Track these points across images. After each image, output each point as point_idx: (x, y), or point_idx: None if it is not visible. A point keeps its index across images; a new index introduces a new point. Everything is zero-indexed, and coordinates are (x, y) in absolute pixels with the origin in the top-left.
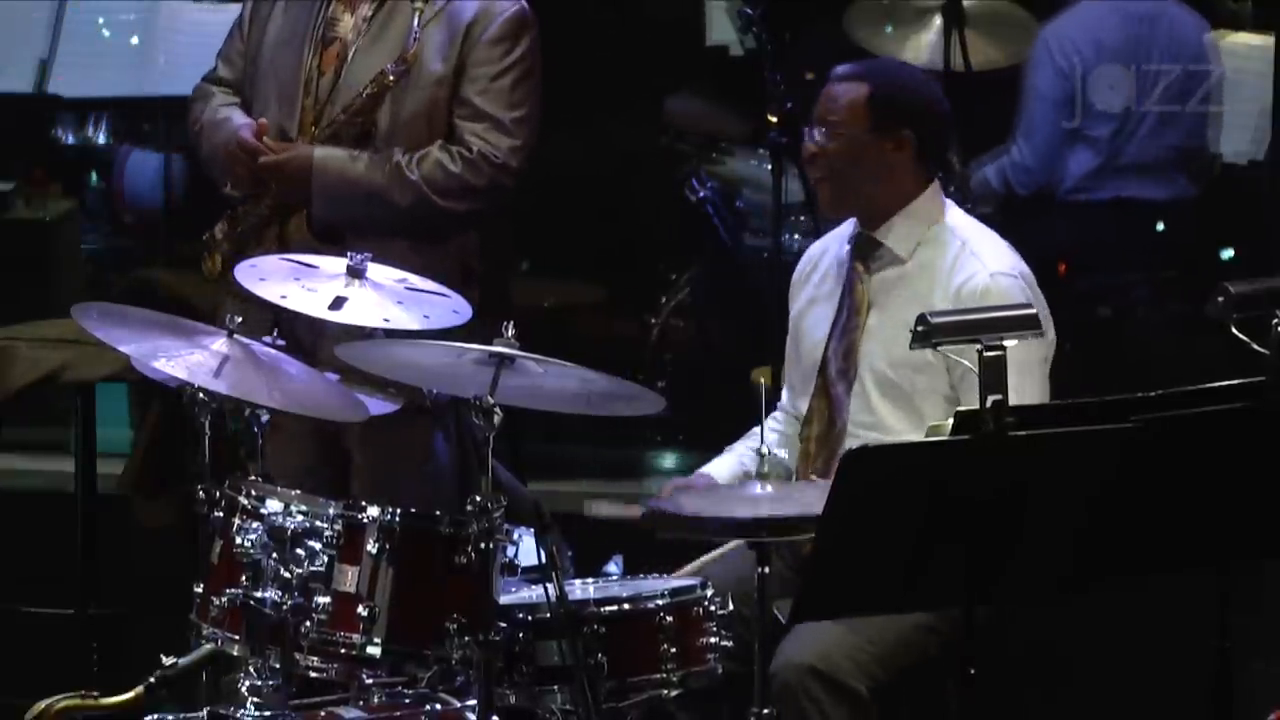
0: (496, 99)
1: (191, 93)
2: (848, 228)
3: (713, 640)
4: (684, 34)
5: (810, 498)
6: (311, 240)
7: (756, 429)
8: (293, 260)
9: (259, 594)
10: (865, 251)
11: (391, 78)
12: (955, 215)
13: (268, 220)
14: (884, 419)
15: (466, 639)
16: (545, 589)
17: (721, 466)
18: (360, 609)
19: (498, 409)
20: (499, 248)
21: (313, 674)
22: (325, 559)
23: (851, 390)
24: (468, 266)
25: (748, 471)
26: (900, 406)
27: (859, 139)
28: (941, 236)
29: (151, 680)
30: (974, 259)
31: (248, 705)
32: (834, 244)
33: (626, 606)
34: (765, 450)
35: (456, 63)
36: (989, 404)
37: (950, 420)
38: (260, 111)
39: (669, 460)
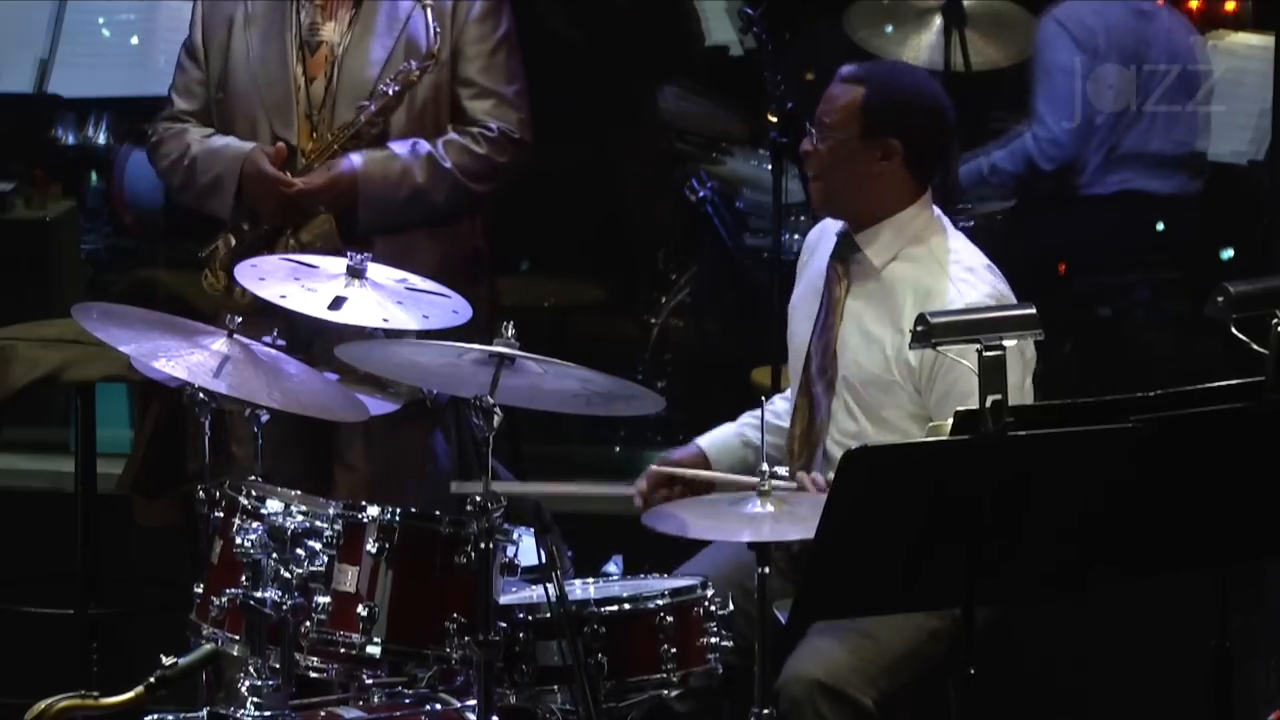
0: (497, 74)
1: (152, 135)
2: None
3: (713, 640)
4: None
5: (812, 518)
6: (339, 244)
7: (756, 410)
8: (293, 260)
9: (259, 594)
10: (845, 253)
11: (417, 73)
12: (942, 235)
13: (275, 233)
14: (866, 430)
15: (466, 639)
16: (545, 589)
17: (714, 438)
18: (360, 609)
19: (498, 409)
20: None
21: (313, 674)
22: (325, 559)
23: (831, 390)
24: (479, 250)
25: (746, 441)
26: (874, 420)
27: (849, 143)
28: (924, 256)
29: (151, 680)
30: (950, 286)
31: (248, 705)
32: (828, 234)
33: (626, 606)
34: (766, 468)
35: (451, 46)
36: (989, 404)
37: (950, 420)
38: (246, 130)
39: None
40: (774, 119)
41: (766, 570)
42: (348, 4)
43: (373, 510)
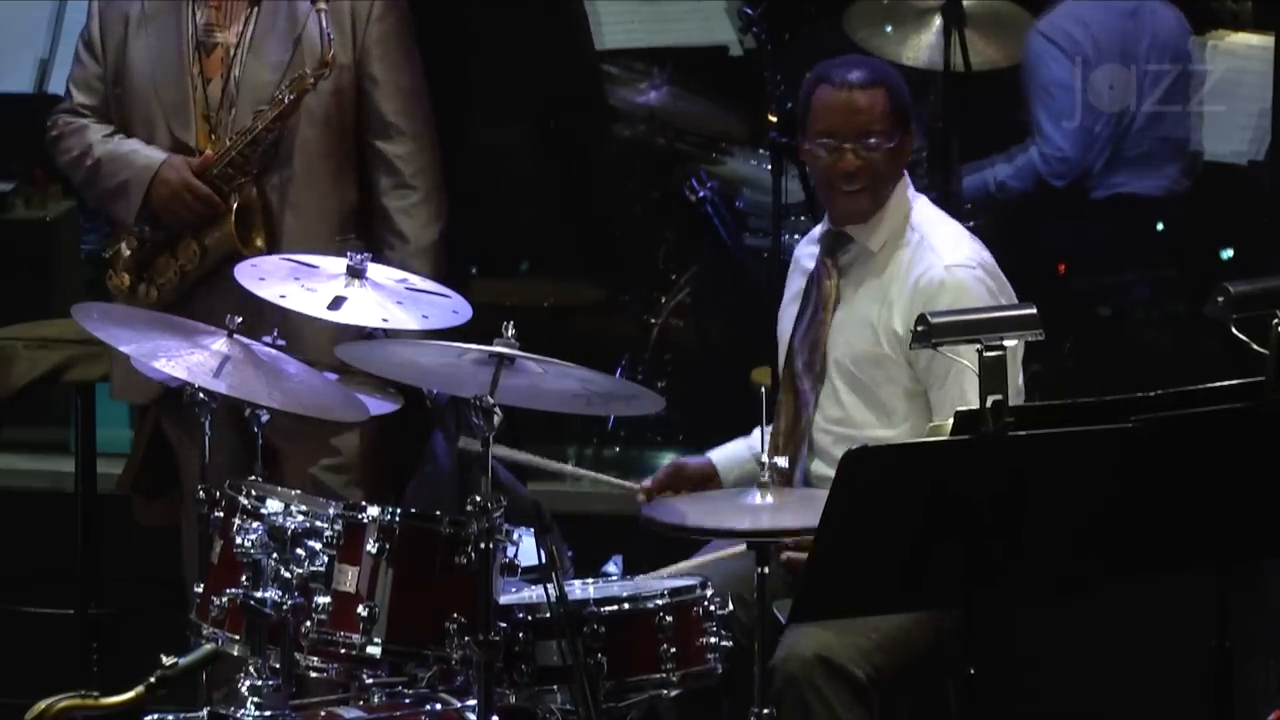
0: (396, 68)
1: (52, 128)
2: (820, 226)
3: (713, 640)
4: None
5: (810, 509)
6: (237, 245)
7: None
8: (293, 260)
9: (259, 594)
10: (835, 247)
11: (312, 80)
12: (919, 207)
13: (176, 237)
14: (851, 413)
15: (466, 639)
16: (545, 589)
17: (724, 451)
18: (360, 609)
19: (498, 409)
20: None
21: (313, 674)
22: (325, 559)
23: (818, 384)
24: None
25: (757, 454)
26: (865, 399)
27: (895, 146)
28: (904, 229)
29: (151, 680)
30: (930, 252)
31: (248, 705)
32: (813, 241)
33: (626, 606)
34: (765, 459)
35: (354, 48)
36: (989, 404)
37: (950, 420)
38: (144, 129)
39: (669, 460)
40: (774, 119)
41: (767, 570)
42: (244, 5)
43: (373, 510)
